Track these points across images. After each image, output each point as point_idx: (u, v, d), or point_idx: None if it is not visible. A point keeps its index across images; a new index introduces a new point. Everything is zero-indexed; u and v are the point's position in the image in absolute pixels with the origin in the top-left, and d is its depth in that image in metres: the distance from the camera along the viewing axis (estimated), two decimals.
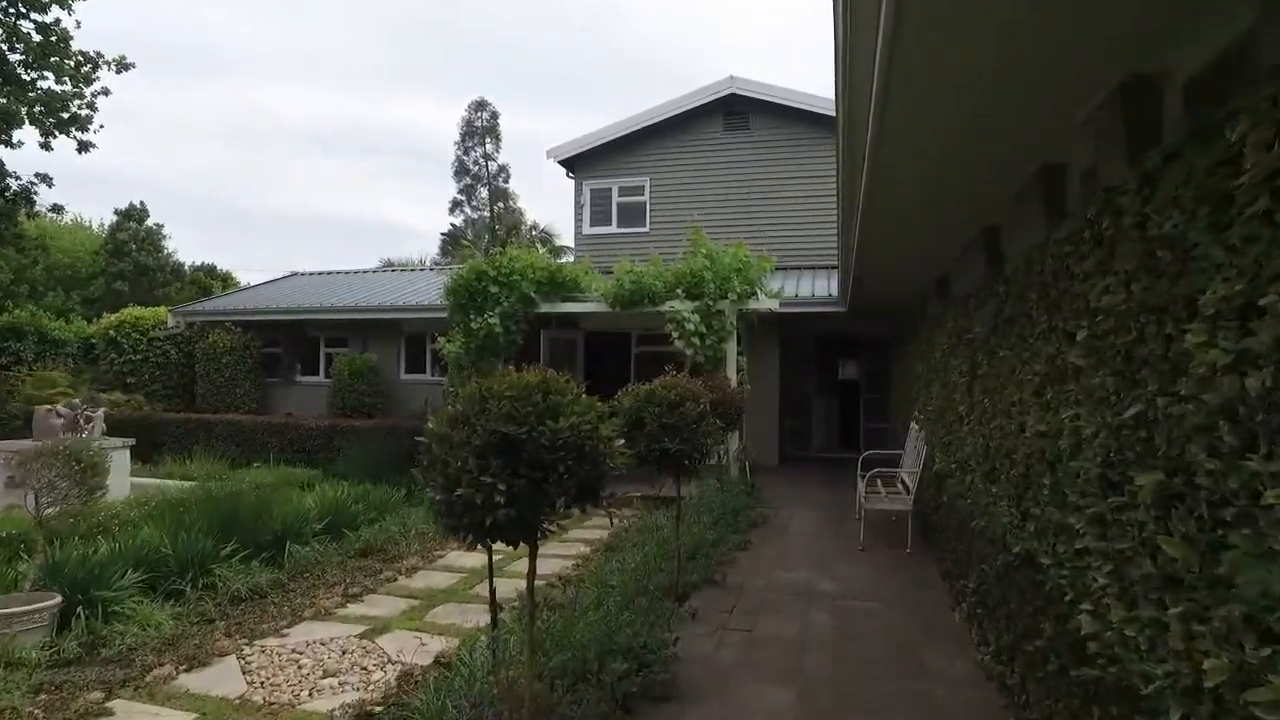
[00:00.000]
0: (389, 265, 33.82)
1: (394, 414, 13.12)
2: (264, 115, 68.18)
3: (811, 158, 14.06)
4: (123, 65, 14.06)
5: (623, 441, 3.13)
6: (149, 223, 39.46)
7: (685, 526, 6.98)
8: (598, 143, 15.29)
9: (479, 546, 2.96)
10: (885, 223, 5.53)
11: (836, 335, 14.43)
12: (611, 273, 10.71)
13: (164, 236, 40.27)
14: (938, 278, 7.50)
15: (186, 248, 61.27)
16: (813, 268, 13.84)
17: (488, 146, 40.79)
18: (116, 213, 38.84)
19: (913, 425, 7.89)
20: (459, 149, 40.66)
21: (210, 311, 15.59)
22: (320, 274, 18.96)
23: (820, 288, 12.45)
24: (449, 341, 10.43)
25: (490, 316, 10.24)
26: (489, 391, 2.86)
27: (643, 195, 15.23)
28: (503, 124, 39.97)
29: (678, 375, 5.54)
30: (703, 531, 6.85)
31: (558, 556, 6.96)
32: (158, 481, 8.06)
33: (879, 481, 7.42)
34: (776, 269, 12.77)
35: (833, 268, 13.48)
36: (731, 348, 10.00)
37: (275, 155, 70.82)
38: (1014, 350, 3.33)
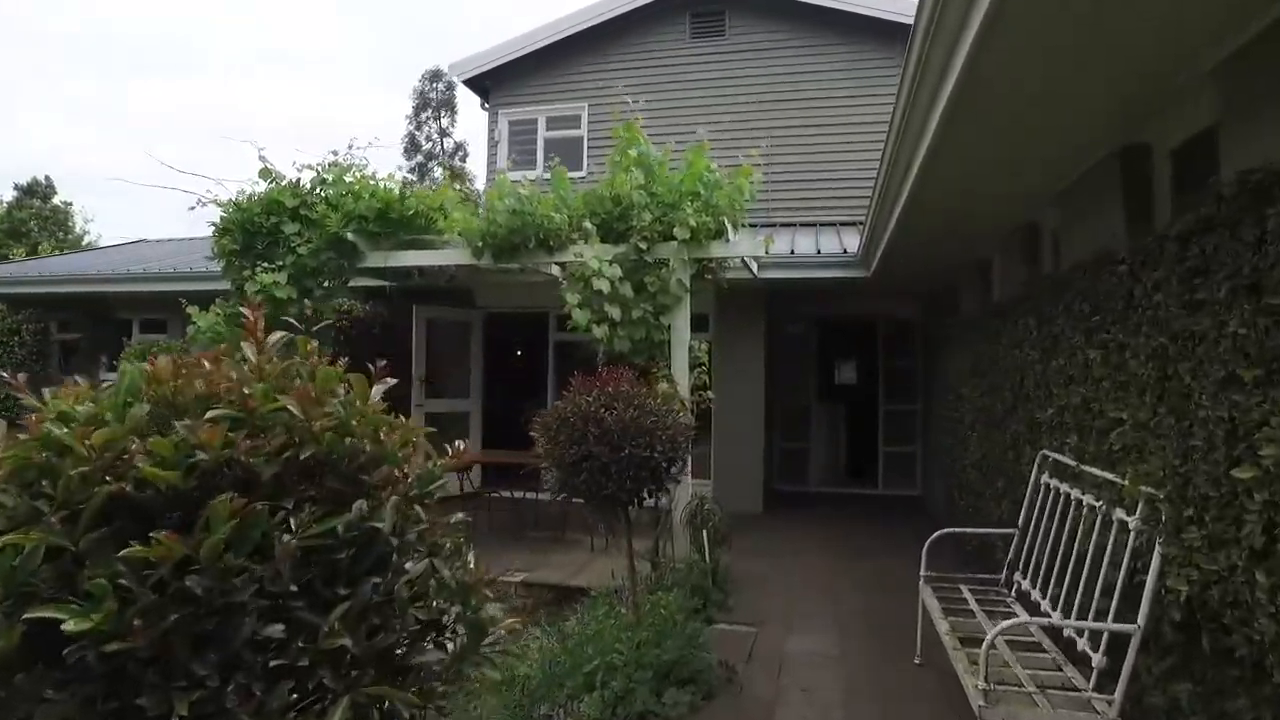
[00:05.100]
0: None
1: None
2: (226, 111, 63.55)
3: (816, 71, 9.87)
4: None
5: None
6: (55, 200, 34.88)
7: None
8: (519, 52, 10.97)
9: None
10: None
11: (844, 318, 10.23)
12: None
13: (75, 216, 35.74)
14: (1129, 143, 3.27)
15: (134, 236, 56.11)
16: (813, 225, 9.61)
17: (443, 121, 36.42)
18: (16, 188, 34.21)
19: (1049, 482, 3.66)
20: (410, 123, 36.14)
21: None
22: (174, 241, 14.54)
23: (829, 245, 8.22)
24: (200, 314, 6.08)
25: (272, 272, 5.91)
26: None
27: (578, 128, 10.96)
28: (466, 108, 35.53)
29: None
30: None
31: None
32: None
33: (1003, 643, 3.10)
34: (765, 225, 8.58)
35: (844, 224, 9.29)
36: (681, 325, 5.70)
37: (241, 151, 65.84)
38: None
